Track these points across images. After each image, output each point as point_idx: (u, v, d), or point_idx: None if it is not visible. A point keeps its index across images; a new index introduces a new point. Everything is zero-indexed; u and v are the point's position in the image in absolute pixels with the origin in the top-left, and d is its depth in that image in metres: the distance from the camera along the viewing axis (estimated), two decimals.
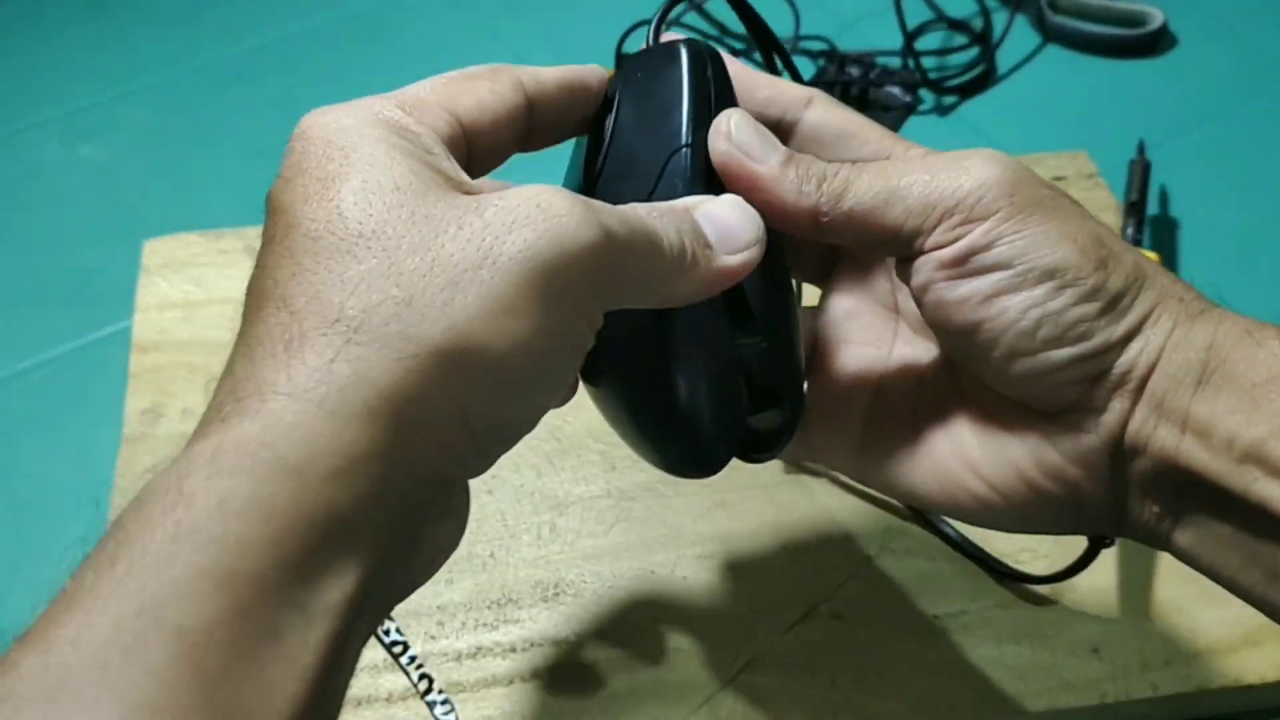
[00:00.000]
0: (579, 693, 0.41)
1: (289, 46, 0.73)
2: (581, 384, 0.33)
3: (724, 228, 0.29)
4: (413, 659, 0.42)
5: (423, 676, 0.42)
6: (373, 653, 0.42)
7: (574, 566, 0.45)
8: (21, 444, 0.51)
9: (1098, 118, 0.68)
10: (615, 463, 0.48)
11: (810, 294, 0.38)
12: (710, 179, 0.30)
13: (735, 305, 0.31)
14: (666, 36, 0.32)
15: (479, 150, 0.29)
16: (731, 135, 0.30)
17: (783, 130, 0.33)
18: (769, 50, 0.36)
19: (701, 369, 0.31)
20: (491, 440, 0.26)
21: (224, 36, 0.73)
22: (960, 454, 0.32)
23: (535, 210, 0.24)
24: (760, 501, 0.47)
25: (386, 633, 0.43)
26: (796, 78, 0.36)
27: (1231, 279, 0.58)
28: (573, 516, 0.46)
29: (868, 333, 0.35)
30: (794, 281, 0.37)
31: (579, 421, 0.49)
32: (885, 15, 0.70)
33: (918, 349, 0.35)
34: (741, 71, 0.33)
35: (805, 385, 0.34)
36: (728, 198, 0.29)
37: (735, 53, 0.71)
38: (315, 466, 0.22)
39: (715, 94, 0.31)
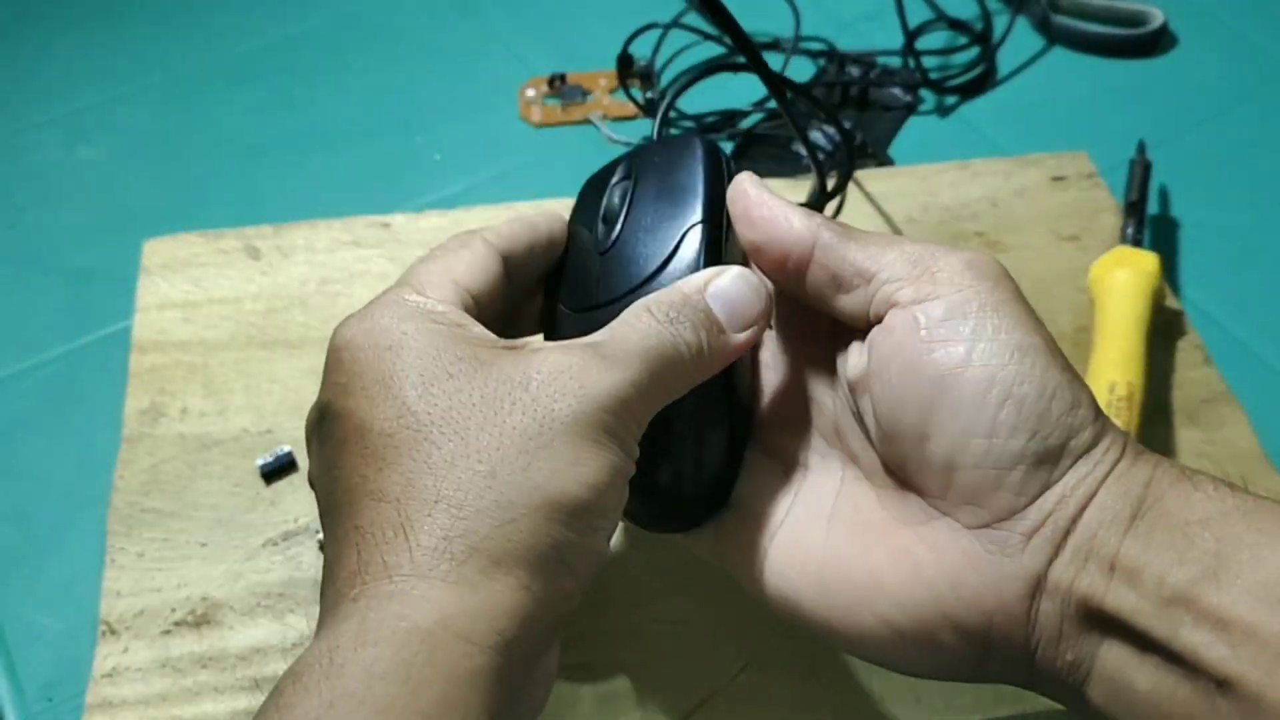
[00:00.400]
0: (578, 692, 0.41)
1: (289, 48, 0.73)
2: None
3: (733, 303, 0.32)
4: None
5: None
6: None
7: None
8: (21, 444, 0.51)
9: (1098, 118, 0.68)
10: None
11: None
12: (720, 253, 0.33)
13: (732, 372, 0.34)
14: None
15: (483, 304, 0.33)
16: (749, 178, 0.34)
17: None
18: (753, 55, 0.38)
19: (703, 425, 0.33)
20: (587, 572, 0.29)
21: (224, 38, 0.73)
22: (871, 571, 0.30)
23: (570, 380, 0.28)
24: None
25: None
26: (785, 83, 0.37)
27: (1231, 279, 0.58)
28: None
29: (793, 433, 0.35)
30: None
31: None
32: (885, 15, 0.70)
33: (839, 454, 0.34)
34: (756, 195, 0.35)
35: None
36: (734, 270, 0.32)
37: (733, 52, 0.71)
38: (447, 630, 0.25)
39: (727, 183, 0.35)
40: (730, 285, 0.32)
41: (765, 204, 0.33)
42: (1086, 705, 0.28)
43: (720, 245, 0.33)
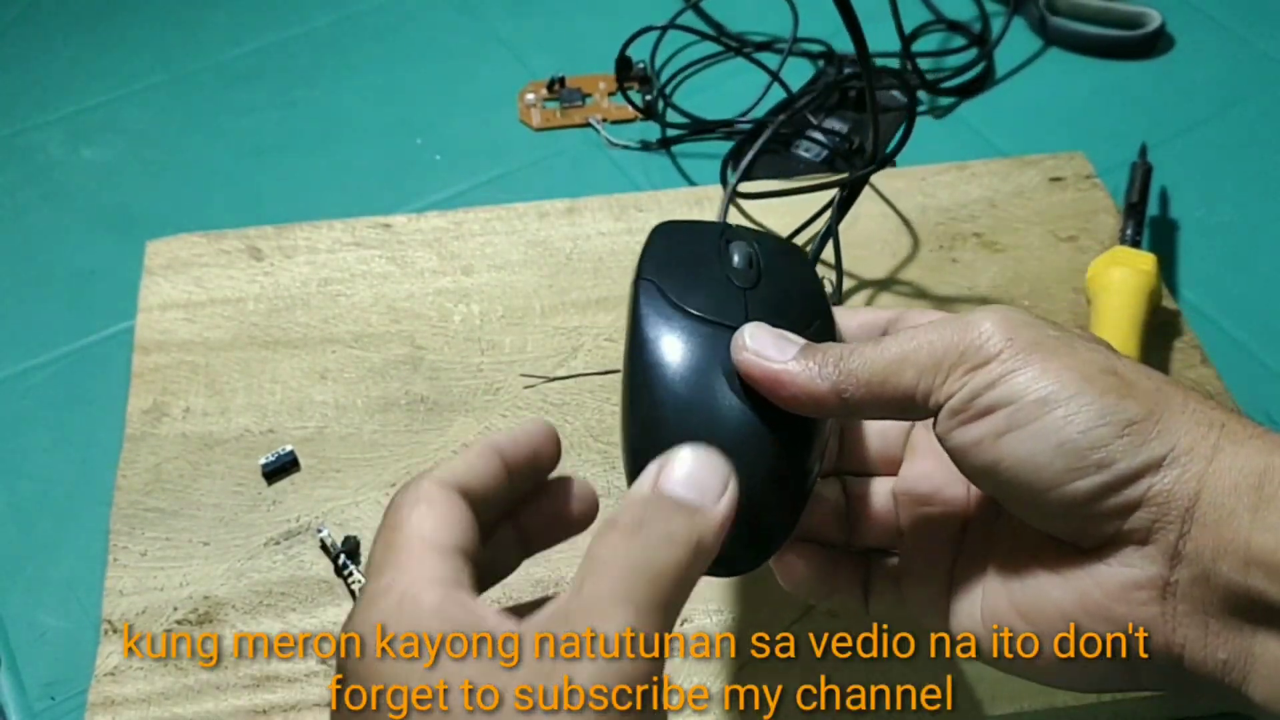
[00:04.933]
0: None
1: (289, 48, 0.73)
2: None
3: (695, 479, 0.29)
4: None
5: None
6: None
7: (574, 566, 0.45)
8: (23, 444, 0.51)
9: (1096, 119, 0.68)
10: (615, 462, 0.48)
11: None
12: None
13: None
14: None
15: (471, 553, 0.30)
16: (747, 344, 0.32)
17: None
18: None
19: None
20: None
21: (225, 38, 0.74)
22: (1008, 596, 0.31)
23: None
24: None
25: None
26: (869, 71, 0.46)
27: (1231, 279, 0.59)
28: None
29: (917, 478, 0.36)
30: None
31: (579, 421, 0.49)
32: (883, 17, 0.70)
33: (960, 491, 0.35)
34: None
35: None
36: (682, 450, 0.29)
37: (728, 50, 0.71)
38: None
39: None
40: (682, 465, 0.29)
41: (775, 382, 0.32)
42: (1251, 703, 0.28)
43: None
